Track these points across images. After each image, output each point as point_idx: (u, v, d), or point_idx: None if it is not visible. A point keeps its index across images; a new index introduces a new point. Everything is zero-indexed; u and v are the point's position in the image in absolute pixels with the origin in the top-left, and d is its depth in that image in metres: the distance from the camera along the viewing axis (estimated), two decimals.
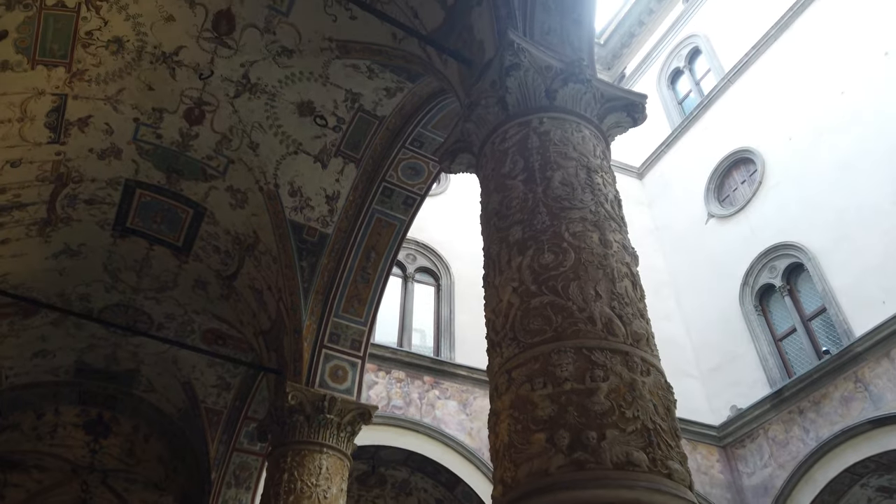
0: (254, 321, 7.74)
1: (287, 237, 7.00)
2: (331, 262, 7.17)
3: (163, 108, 6.40)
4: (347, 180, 7.00)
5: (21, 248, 7.29)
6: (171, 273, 8.09)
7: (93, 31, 5.59)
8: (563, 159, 3.53)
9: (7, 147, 6.03)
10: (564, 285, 2.95)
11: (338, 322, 7.13)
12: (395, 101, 6.38)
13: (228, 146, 6.77)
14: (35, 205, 6.84)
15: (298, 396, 6.37)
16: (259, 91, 6.36)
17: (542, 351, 2.78)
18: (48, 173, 6.58)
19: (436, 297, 13.82)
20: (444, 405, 11.76)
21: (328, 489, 5.92)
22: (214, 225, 7.43)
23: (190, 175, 7.05)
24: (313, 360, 6.82)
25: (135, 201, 7.28)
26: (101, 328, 8.85)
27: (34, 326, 8.61)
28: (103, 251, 7.80)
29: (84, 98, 6.07)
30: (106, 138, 6.52)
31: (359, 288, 7.25)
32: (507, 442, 2.67)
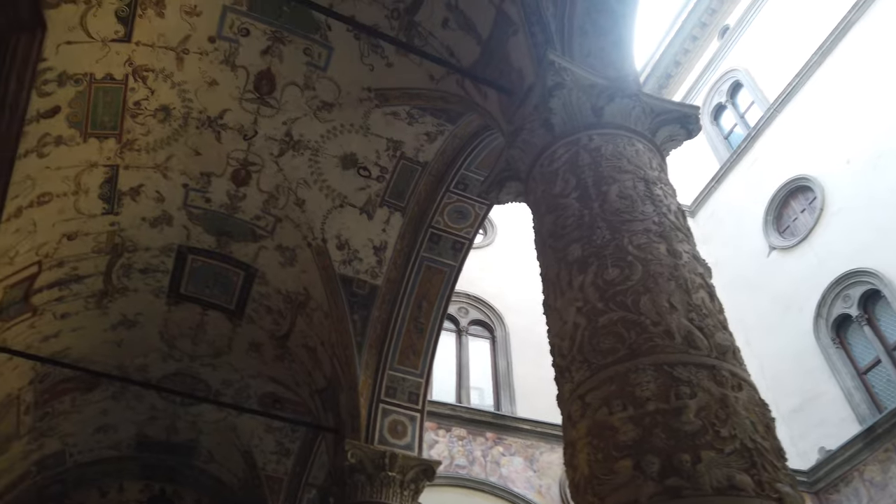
0: (309, 380, 7.60)
1: (337, 291, 6.91)
2: (382, 314, 7.03)
3: (210, 171, 6.50)
4: (394, 230, 6.92)
5: (80, 322, 7.39)
6: (226, 337, 8.08)
7: (140, 101, 5.76)
8: (618, 173, 3.34)
9: (64, 220, 6.18)
10: (634, 299, 2.71)
11: (393, 375, 6.91)
12: (436, 145, 6.33)
13: (275, 205, 6.81)
14: (92, 277, 6.97)
15: (358, 454, 6.12)
16: (302, 147, 6.41)
17: (617, 371, 2.52)
18: (103, 244, 6.71)
19: (491, 350, 13.48)
20: (510, 462, 11.26)
21: None
22: (265, 285, 7.42)
23: (239, 237, 7.10)
24: (371, 415, 6.59)
25: (187, 267, 7.35)
26: (160, 399, 8.86)
27: (95, 401, 8.67)
28: (159, 320, 7.86)
29: (135, 167, 6.22)
30: (157, 206, 6.65)
31: (413, 339, 7.06)
32: (587, 474, 2.39)
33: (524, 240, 16.08)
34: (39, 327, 6.97)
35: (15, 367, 7.08)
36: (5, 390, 7.18)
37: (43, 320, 6.95)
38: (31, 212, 5.79)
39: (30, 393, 7.67)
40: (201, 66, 5.71)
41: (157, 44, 5.44)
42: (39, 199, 5.79)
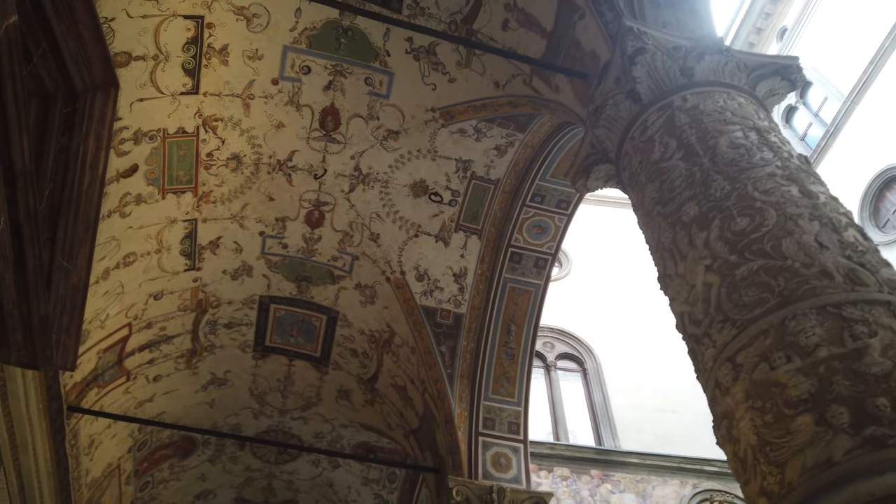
0: (402, 422, 7.31)
1: (421, 324, 6.68)
2: (470, 343, 6.73)
3: (285, 216, 6.50)
4: (472, 254, 6.69)
5: (172, 384, 7.42)
6: (314, 387, 7.93)
7: (212, 152, 5.84)
8: (724, 125, 3.02)
9: (149, 280, 6.26)
10: (775, 245, 2.35)
11: (490, 406, 6.55)
12: (506, 158, 6.13)
13: (350, 243, 6.72)
14: (180, 336, 7.00)
15: (464, 491, 5.74)
16: (371, 180, 6.33)
17: (770, 322, 2.16)
18: (188, 302, 6.75)
19: (584, 383, 12.85)
20: (620, 500, 10.49)
21: None
22: (348, 327, 7.28)
23: (318, 280, 7.02)
24: (471, 450, 6.22)
25: (270, 318, 7.31)
26: (255, 459, 8.74)
27: (192, 467, 8.63)
28: (247, 376, 7.81)
29: (212, 220, 6.28)
30: (236, 257, 6.67)
31: (505, 366, 6.71)
32: (755, 442, 2.00)
33: (601, 268, 15.58)
34: (134, 392, 7.02)
35: (113, 435, 7.11)
36: (105, 460, 7.21)
37: (137, 385, 7.00)
38: (118, 273, 5.88)
39: (129, 462, 7.69)
40: (267, 110, 5.76)
41: (224, 92, 5.53)
42: (125, 259, 5.88)
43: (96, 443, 6.82)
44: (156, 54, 4.98)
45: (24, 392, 5.15)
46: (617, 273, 15.48)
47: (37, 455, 5.64)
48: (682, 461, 11.04)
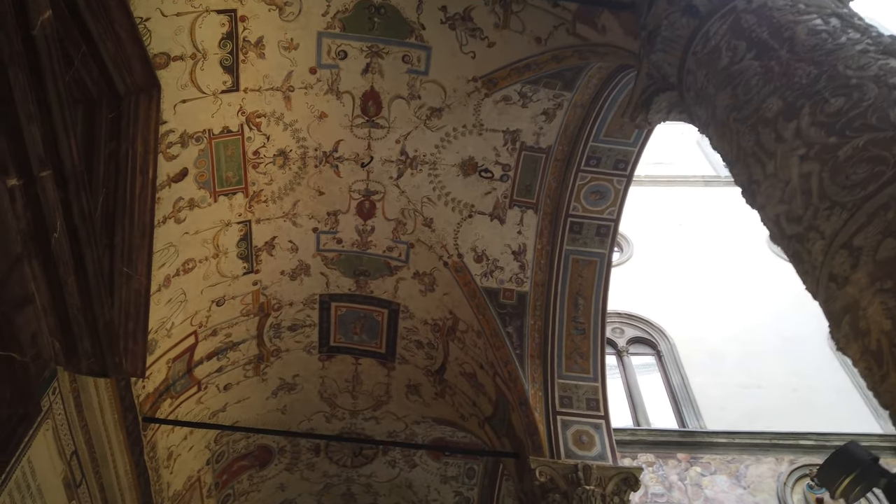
0: (475, 410, 7.09)
1: (485, 306, 6.47)
2: (537, 322, 6.47)
3: (336, 209, 6.42)
4: (530, 229, 6.45)
5: (243, 392, 7.41)
6: (383, 385, 7.81)
7: (258, 150, 5.81)
8: (798, 15, 2.72)
9: (210, 286, 6.26)
10: (881, 115, 2.06)
11: (565, 384, 6.27)
12: (556, 122, 5.88)
13: (404, 231, 6.59)
14: (246, 342, 6.99)
15: (547, 471, 5.47)
16: (419, 163, 6.19)
17: (889, 194, 1.86)
18: (250, 306, 6.74)
19: (660, 366, 12.35)
20: (713, 482, 9.96)
21: None
22: (410, 318, 7.13)
23: (376, 273, 6.91)
24: (550, 430, 5.95)
25: (332, 316, 7.24)
26: (331, 464, 8.67)
27: (271, 476, 8.62)
28: (316, 378, 7.75)
29: (265, 220, 6.25)
30: (293, 256, 6.62)
31: (576, 341, 6.41)
32: (889, 328, 1.72)
33: (663, 249, 15.03)
34: (206, 402, 7.03)
35: (190, 447, 7.14)
36: (185, 473, 7.24)
37: (208, 394, 7.01)
38: (179, 280, 5.89)
39: (209, 474, 7.71)
40: (308, 101, 5.70)
41: (264, 87, 5.50)
42: (185, 266, 5.89)
43: (174, 455, 6.86)
44: (193, 53, 4.97)
45: (99, 403, 5.18)
46: (680, 253, 14.94)
47: (117, 468, 5.66)
48: (775, 437, 10.43)
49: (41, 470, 4.58)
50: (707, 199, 16.72)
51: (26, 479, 4.40)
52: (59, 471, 4.87)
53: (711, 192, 17.01)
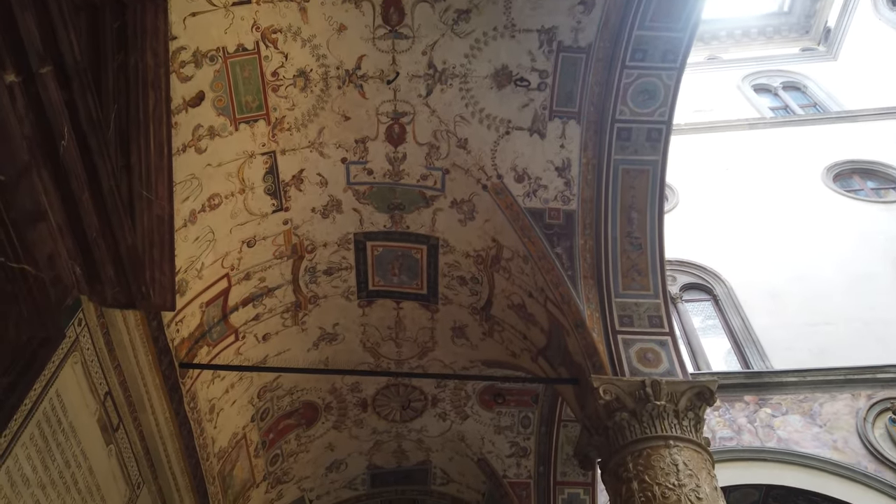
0: (527, 344, 6.65)
1: (529, 228, 6.02)
2: (588, 241, 6.00)
3: (364, 136, 6.03)
4: (573, 142, 5.96)
5: (283, 344, 7.12)
6: (427, 329, 7.43)
7: (277, 71, 5.45)
8: None
9: (239, 225, 5.96)
10: None
11: (623, 303, 5.79)
12: (595, 14, 5.37)
13: (438, 155, 6.17)
14: (281, 287, 6.69)
15: (611, 389, 5.01)
16: (448, 77, 5.75)
17: None
18: (283, 247, 6.42)
19: (717, 311, 11.75)
20: (785, 422, 9.36)
21: (698, 487, 4.32)
22: (451, 252, 6.72)
23: (411, 206, 6.52)
24: (611, 350, 5.49)
25: (369, 257, 6.88)
26: (380, 420, 8.35)
27: (318, 436, 8.34)
28: (357, 327, 7.41)
29: (290, 150, 5.90)
30: (322, 191, 6.27)
31: (632, 258, 5.92)
32: None
33: (710, 194, 14.40)
34: (246, 353, 6.76)
35: (233, 401, 6.89)
36: (230, 429, 6.99)
37: (247, 345, 6.74)
38: (205, 217, 5.59)
39: (254, 432, 7.46)
40: (325, 12, 5.31)
41: None
42: (210, 201, 5.59)
43: (217, 409, 6.60)
44: None
45: (130, 342, 4.92)
46: (729, 197, 14.29)
47: (156, 414, 5.42)
48: (850, 372, 9.76)
49: (72, 406, 4.33)
50: (753, 141, 15.94)
51: (56, 414, 4.14)
52: (92, 410, 4.62)
53: (757, 134, 16.22)
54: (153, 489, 5.65)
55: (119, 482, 5.01)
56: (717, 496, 4.39)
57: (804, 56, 19.39)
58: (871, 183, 14.31)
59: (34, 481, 3.88)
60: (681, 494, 4.27)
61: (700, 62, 19.31)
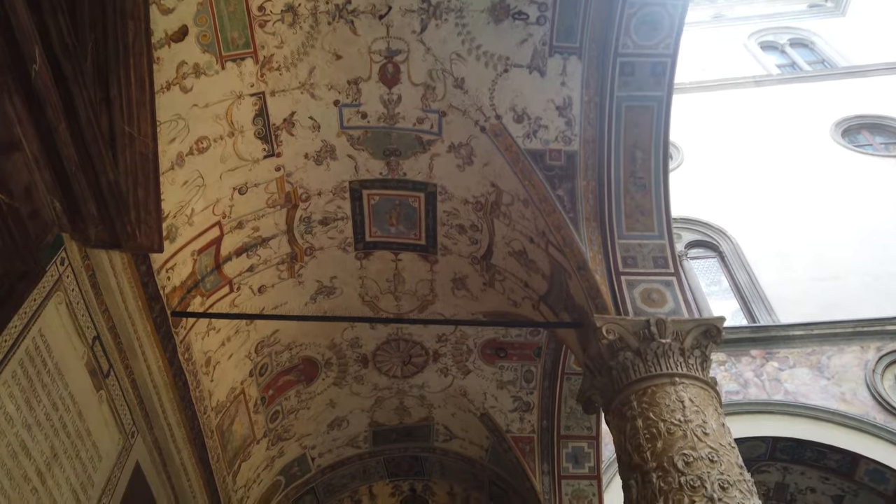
0: (528, 292, 6.49)
1: (530, 170, 5.81)
2: (590, 183, 5.79)
3: (357, 76, 5.81)
4: (574, 79, 5.72)
5: (280, 297, 6.98)
6: (426, 282, 7.27)
7: (264, 5, 5.21)
8: None
9: (229, 171, 5.77)
10: None
11: (627, 244, 5.61)
12: None
13: (434, 97, 5.94)
14: (276, 238, 6.52)
15: (615, 329, 4.86)
16: (443, 11, 5.50)
17: None
18: (276, 195, 6.24)
19: (723, 267, 11.59)
20: (792, 375, 9.24)
21: (704, 423, 4.18)
22: (449, 200, 6.54)
23: (407, 151, 6.31)
24: (614, 291, 5.32)
25: (365, 207, 6.70)
26: (381, 376, 8.25)
27: (319, 392, 8.24)
28: (355, 280, 7.26)
29: (280, 92, 5.69)
30: (315, 136, 6.07)
31: (636, 198, 5.73)
32: None
33: (714, 152, 14.16)
34: (241, 306, 6.62)
35: (230, 355, 6.77)
36: (228, 384, 6.88)
37: (242, 296, 6.60)
38: (194, 160, 5.41)
39: (253, 387, 7.36)
40: None
41: None
42: (198, 144, 5.40)
43: (213, 361, 6.48)
44: None
45: (118, 286, 4.77)
46: (735, 155, 14.06)
47: (148, 363, 5.30)
48: (858, 324, 9.61)
49: (58, 348, 4.19)
50: (760, 99, 15.64)
51: (41, 354, 4.00)
52: (80, 353, 4.48)
53: (764, 91, 15.90)
54: (148, 439, 5.56)
55: (111, 428, 4.91)
56: (725, 432, 4.26)
57: (812, 12, 18.93)
58: (880, 138, 14.02)
59: (18, 420, 3.76)
60: (686, 430, 4.13)
61: (705, 20, 18.90)
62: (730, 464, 4.02)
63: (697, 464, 3.95)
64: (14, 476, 3.72)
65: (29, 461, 3.86)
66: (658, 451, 4.09)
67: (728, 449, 4.13)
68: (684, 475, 3.91)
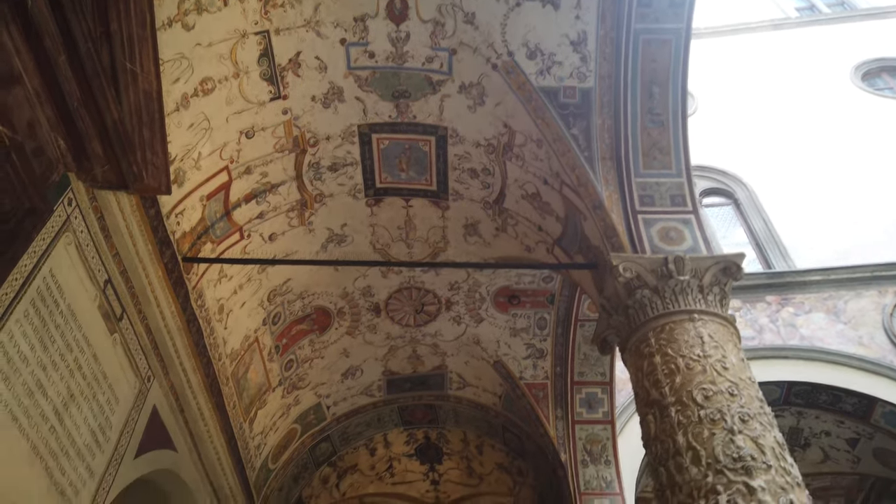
0: (542, 236, 6.40)
1: (544, 108, 5.65)
2: (606, 120, 5.63)
3: (363, 13, 5.61)
4: (589, 12, 5.50)
5: (290, 245, 6.92)
6: (438, 229, 7.19)
7: None
8: None
9: (235, 114, 5.65)
10: None
11: (644, 182, 5.48)
12: None
13: (443, 34, 5.75)
14: (285, 184, 6.43)
15: (631, 267, 4.77)
16: None
17: None
18: (283, 140, 6.12)
19: (738, 214, 11.42)
20: (808, 320, 9.15)
21: (724, 358, 4.12)
22: (461, 143, 6.39)
23: (417, 92, 6.15)
24: (630, 231, 5.21)
25: (375, 152, 6.57)
26: (394, 325, 8.24)
27: (332, 341, 8.26)
28: (365, 228, 7.18)
29: (285, 30, 5.51)
30: (322, 77, 5.91)
31: (653, 135, 5.57)
32: None
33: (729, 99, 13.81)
34: (252, 253, 6.57)
35: (242, 303, 6.76)
36: (241, 332, 6.89)
37: (253, 244, 6.54)
38: (199, 102, 5.28)
39: (267, 336, 7.36)
40: None
41: None
42: (202, 86, 5.27)
43: (226, 309, 6.47)
44: None
45: (128, 228, 4.71)
46: (751, 101, 13.73)
47: (161, 308, 5.27)
48: (877, 269, 9.47)
49: (69, 289, 4.15)
50: (777, 42, 15.19)
51: (52, 294, 3.96)
52: (92, 296, 4.45)
53: (782, 35, 15.44)
54: (164, 384, 5.58)
55: (127, 372, 4.91)
56: (744, 366, 4.19)
57: None
58: None
59: (33, 360, 3.75)
60: (706, 364, 4.07)
61: None
62: (750, 397, 3.97)
63: (717, 397, 3.90)
64: (32, 415, 3.73)
65: (46, 401, 3.87)
66: (677, 385, 4.04)
67: (748, 383, 4.08)
68: (704, 409, 3.86)
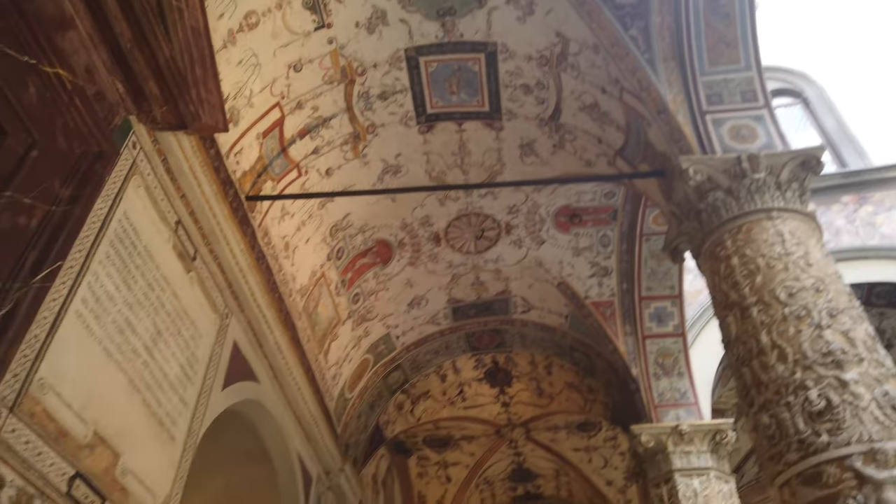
0: (602, 148, 6.19)
1: (598, 11, 5.35)
2: (666, 18, 5.30)
3: None
4: None
5: (346, 179, 6.93)
6: (493, 151, 7.05)
7: None
8: None
9: (282, 47, 5.57)
10: None
11: (710, 81, 5.18)
12: None
13: None
14: (336, 117, 6.38)
15: (702, 169, 4.56)
16: None
17: None
18: (331, 70, 6.03)
19: (808, 113, 10.79)
20: (889, 218, 8.71)
21: (807, 254, 3.94)
22: (511, 59, 6.16)
23: (462, 8, 5.91)
24: (699, 132, 4.97)
25: (423, 76, 6.41)
26: (454, 253, 8.26)
27: (395, 273, 8.35)
28: (420, 156, 7.10)
29: None
30: (364, 0, 5.74)
31: (718, 29, 5.22)
32: None
33: None
34: (310, 189, 6.61)
35: (306, 239, 6.86)
36: (308, 267, 7.02)
37: (311, 181, 6.58)
38: (245, 38, 5.22)
39: (332, 270, 7.50)
40: None
41: None
42: (247, 20, 5.19)
43: (291, 246, 6.59)
44: None
45: (191, 169, 4.78)
46: None
47: (231, 246, 5.39)
48: None
49: (144, 231, 4.27)
50: None
51: (129, 236, 4.08)
52: (166, 237, 4.57)
53: None
54: (242, 320, 5.77)
55: (206, 309, 5.09)
56: (829, 262, 4.01)
57: None
58: None
59: (119, 299, 3.90)
60: (788, 262, 3.91)
61: None
62: (837, 292, 3.80)
63: (802, 294, 3.75)
64: (125, 350, 3.91)
65: (136, 337, 4.04)
66: (757, 285, 3.91)
67: (834, 278, 3.90)
68: (788, 306, 3.73)
